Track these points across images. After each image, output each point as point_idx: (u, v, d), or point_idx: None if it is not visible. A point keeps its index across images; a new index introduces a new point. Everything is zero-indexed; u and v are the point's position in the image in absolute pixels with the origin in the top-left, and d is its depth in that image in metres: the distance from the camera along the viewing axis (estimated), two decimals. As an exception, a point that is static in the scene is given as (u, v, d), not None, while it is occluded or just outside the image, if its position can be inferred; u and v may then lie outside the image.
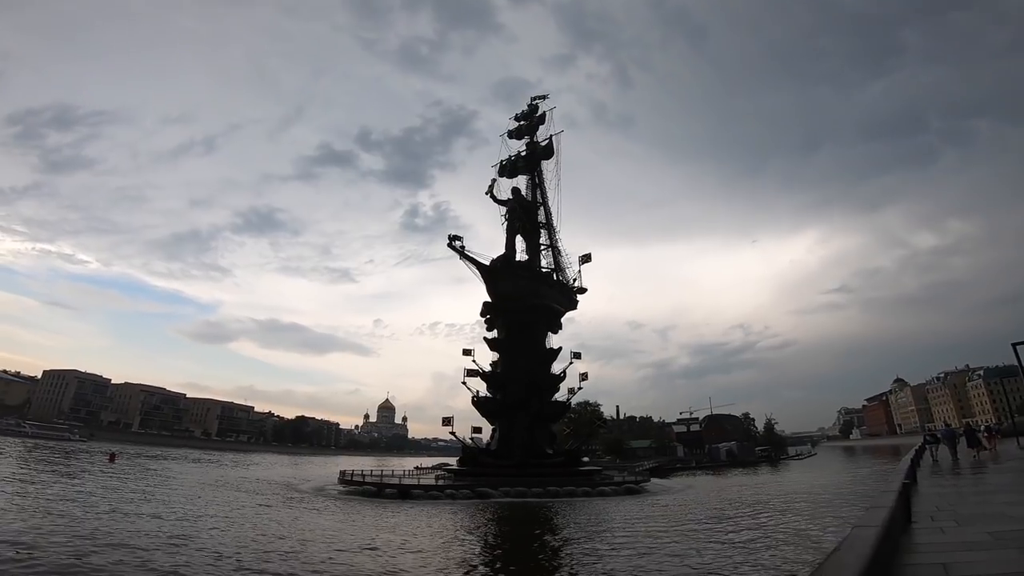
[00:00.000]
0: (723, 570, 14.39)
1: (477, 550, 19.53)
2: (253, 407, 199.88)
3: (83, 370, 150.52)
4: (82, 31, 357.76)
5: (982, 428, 27.61)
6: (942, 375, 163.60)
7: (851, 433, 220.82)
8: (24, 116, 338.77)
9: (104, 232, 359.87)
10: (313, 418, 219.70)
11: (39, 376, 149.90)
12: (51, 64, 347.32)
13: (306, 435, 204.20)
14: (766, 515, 25.39)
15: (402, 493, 36.85)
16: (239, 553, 16.06)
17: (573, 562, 16.49)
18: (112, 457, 55.30)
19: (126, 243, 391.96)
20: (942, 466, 18.72)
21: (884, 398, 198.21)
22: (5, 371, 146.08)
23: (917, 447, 21.51)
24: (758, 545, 17.76)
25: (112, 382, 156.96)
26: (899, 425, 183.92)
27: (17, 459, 49.05)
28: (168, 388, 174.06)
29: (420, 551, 17.96)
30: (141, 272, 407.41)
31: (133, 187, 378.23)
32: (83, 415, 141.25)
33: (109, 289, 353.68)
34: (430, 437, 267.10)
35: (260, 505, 29.05)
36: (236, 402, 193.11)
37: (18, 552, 14.13)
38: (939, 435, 23.86)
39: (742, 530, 21.26)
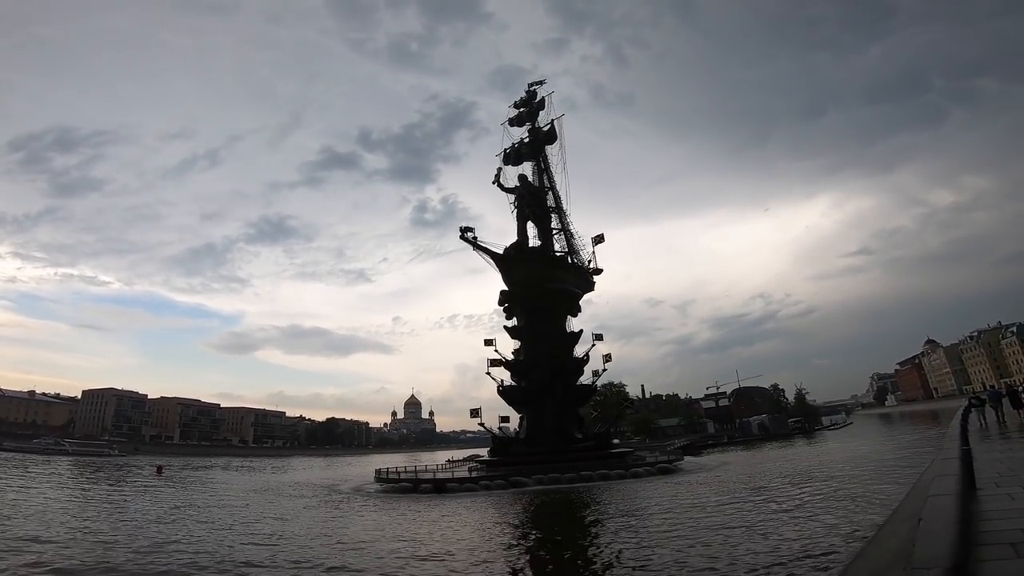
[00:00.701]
0: (775, 545, 14.18)
1: (522, 538, 19.63)
2: (284, 412, 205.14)
3: (120, 387, 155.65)
4: (70, 53, 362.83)
5: (1021, 388, 26.69)
6: (975, 334, 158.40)
7: (886, 399, 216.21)
8: (26, 141, 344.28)
9: (122, 252, 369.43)
10: (343, 419, 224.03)
11: (78, 396, 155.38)
12: (45, 88, 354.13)
13: (338, 436, 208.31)
14: (816, 486, 25.02)
15: (437, 487, 37.24)
16: (301, 553, 16.60)
17: (622, 545, 16.45)
18: (159, 470, 57.06)
19: (144, 261, 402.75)
20: (991, 430, 18.15)
21: (917, 361, 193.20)
22: (45, 393, 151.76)
23: (962, 410, 20.83)
24: (816, 514, 17.49)
25: (149, 397, 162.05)
26: (935, 389, 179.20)
27: (71, 477, 50.94)
28: (202, 399, 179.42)
29: (464, 543, 18.14)
30: (163, 289, 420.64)
31: (145, 205, 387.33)
32: (125, 431, 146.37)
33: (134, 308, 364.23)
34: (458, 430, 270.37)
35: (307, 508, 29.73)
36: (268, 409, 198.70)
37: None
38: (984, 397, 23.20)
39: (794, 503, 20.96)
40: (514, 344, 52.29)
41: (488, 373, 51.10)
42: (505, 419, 53.41)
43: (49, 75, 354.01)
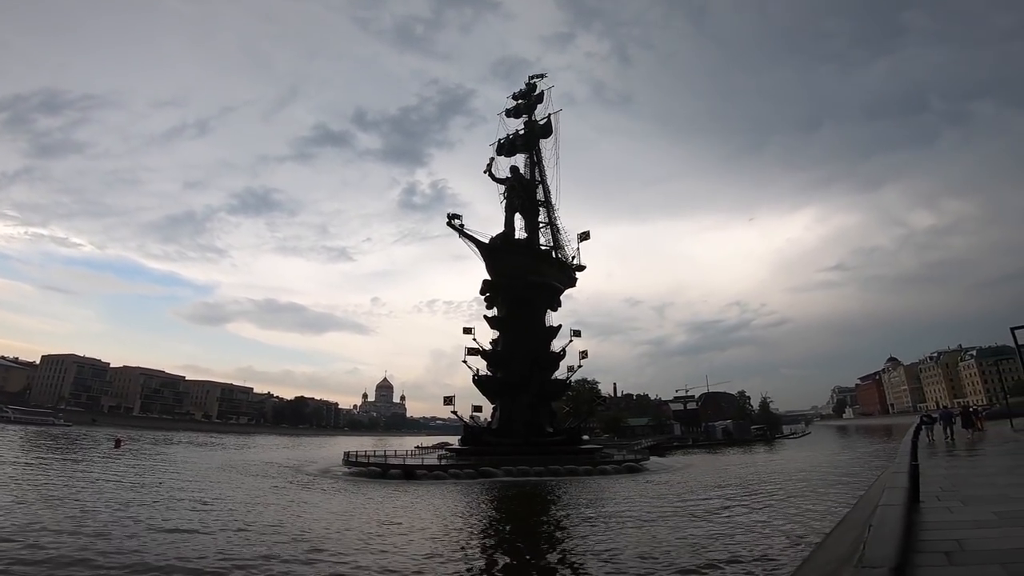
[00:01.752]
0: (733, 548, 14.85)
1: (487, 529, 20.04)
2: (252, 388, 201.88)
3: (81, 354, 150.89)
4: (68, 15, 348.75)
5: (971, 410, 28.62)
6: (935, 354, 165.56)
7: (844, 412, 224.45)
8: (13, 102, 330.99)
9: (98, 215, 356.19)
10: (312, 398, 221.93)
11: (38, 362, 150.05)
12: (38, 49, 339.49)
13: (306, 416, 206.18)
14: (769, 494, 26.08)
15: (407, 473, 37.45)
16: (262, 537, 16.52)
17: (583, 540, 16.95)
18: (118, 443, 55.73)
19: (120, 226, 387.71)
20: (937, 447, 19.26)
21: (877, 377, 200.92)
22: (3, 357, 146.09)
23: (914, 427, 22.08)
24: (765, 524, 18.28)
25: (111, 366, 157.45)
26: (891, 404, 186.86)
27: (22, 448, 49.48)
28: (167, 371, 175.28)
29: (430, 531, 18.43)
30: (137, 255, 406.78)
31: (126, 170, 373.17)
32: (84, 400, 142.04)
33: (105, 272, 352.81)
34: (428, 416, 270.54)
35: (274, 489, 29.52)
36: (235, 384, 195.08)
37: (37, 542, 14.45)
38: (935, 416, 24.66)
39: (749, 509, 21.84)
40: (492, 334, 52.71)
41: (464, 361, 51.49)
42: (478, 408, 53.92)
43: (44, 36, 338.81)
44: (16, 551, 13.25)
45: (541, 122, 58.95)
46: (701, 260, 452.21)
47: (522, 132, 59.24)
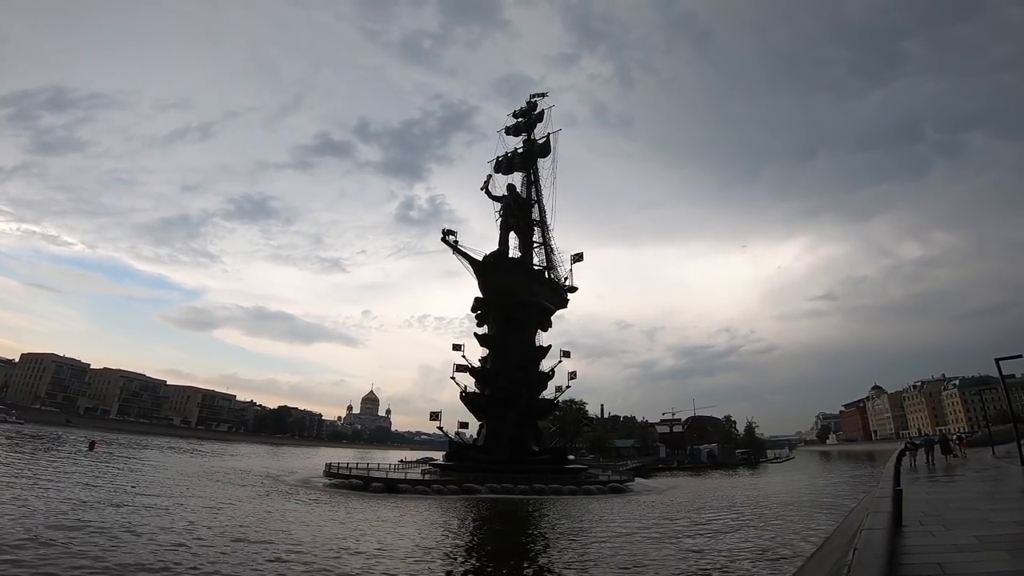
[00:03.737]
0: (713, 569, 14.74)
1: (466, 546, 19.71)
2: (235, 396, 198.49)
3: (62, 354, 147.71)
4: (81, 13, 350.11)
5: (954, 437, 29.31)
6: (919, 383, 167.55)
7: (828, 438, 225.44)
8: (19, 98, 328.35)
9: (91, 214, 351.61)
10: (296, 408, 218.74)
11: (17, 359, 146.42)
12: (48, 47, 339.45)
13: (288, 425, 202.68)
14: (752, 516, 26.01)
15: (389, 487, 36.84)
16: (232, 547, 16.07)
17: (564, 560, 16.74)
18: (92, 445, 54.27)
19: (113, 226, 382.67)
20: (919, 472, 19.48)
21: (861, 404, 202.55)
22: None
23: (898, 452, 22.33)
24: (747, 545, 18.20)
25: (91, 367, 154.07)
26: (875, 431, 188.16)
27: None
28: (149, 374, 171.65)
29: (410, 546, 18.09)
30: (128, 256, 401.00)
31: (125, 170, 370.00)
32: (60, 400, 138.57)
33: (94, 272, 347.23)
34: (413, 430, 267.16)
35: (248, 499, 28.73)
36: (218, 390, 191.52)
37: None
38: (918, 442, 25.16)
39: (731, 531, 21.74)
40: (482, 351, 52.40)
41: (453, 378, 51.01)
42: (464, 425, 53.35)
43: (55, 33, 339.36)
44: None
45: (540, 141, 59.41)
46: (692, 285, 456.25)
47: (521, 151, 59.69)
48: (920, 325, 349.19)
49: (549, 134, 59.30)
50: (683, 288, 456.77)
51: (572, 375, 53.10)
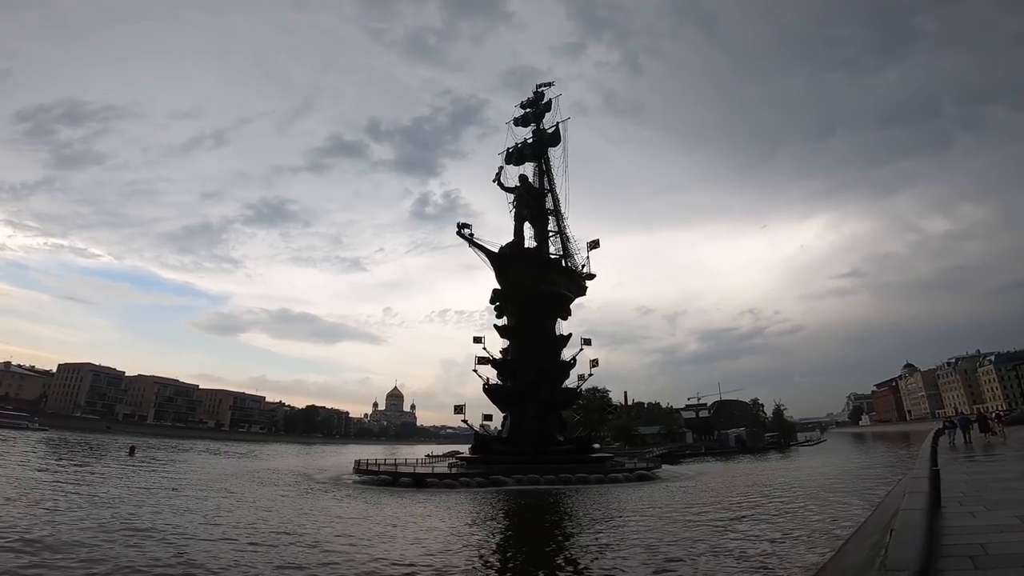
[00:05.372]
0: (748, 553, 14.61)
1: (500, 536, 19.91)
2: (264, 397, 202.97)
3: (97, 363, 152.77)
4: (90, 27, 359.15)
5: (992, 415, 28.74)
6: (953, 360, 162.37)
7: (860, 419, 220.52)
8: (35, 113, 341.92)
9: (116, 226, 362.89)
10: (323, 407, 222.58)
11: (54, 370, 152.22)
12: (60, 61, 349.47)
13: (317, 424, 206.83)
14: (785, 500, 25.65)
15: (417, 482, 37.34)
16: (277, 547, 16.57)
17: (599, 544, 16.78)
18: (132, 450, 56.25)
19: (138, 236, 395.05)
20: (958, 451, 18.99)
21: (894, 384, 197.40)
22: (20, 365, 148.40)
23: (935, 431, 21.79)
24: (780, 530, 17.98)
25: (126, 374, 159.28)
26: (909, 411, 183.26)
27: (45, 454, 50.07)
28: (181, 379, 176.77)
29: (444, 539, 18.35)
30: (153, 265, 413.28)
31: (144, 181, 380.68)
32: (99, 408, 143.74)
33: (122, 283, 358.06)
34: (438, 425, 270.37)
35: (286, 497, 29.44)
36: (248, 392, 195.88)
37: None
38: (956, 421, 24.64)
39: (764, 515, 21.49)
40: (503, 343, 52.51)
41: (475, 370, 51.30)
42: (488, 417, 53.66)
43: (66, 47, 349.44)
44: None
45: (549, 130, 58.91)
46: (713, 268, 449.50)
47: (530, 141, 59.29)
48: (951, 300, 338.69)
49: (558, 123, 58.79)
50: (703, 271, 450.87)
51: (594, 363, 52.96)
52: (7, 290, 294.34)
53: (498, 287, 52.81)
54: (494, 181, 57.05)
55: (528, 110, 60.76)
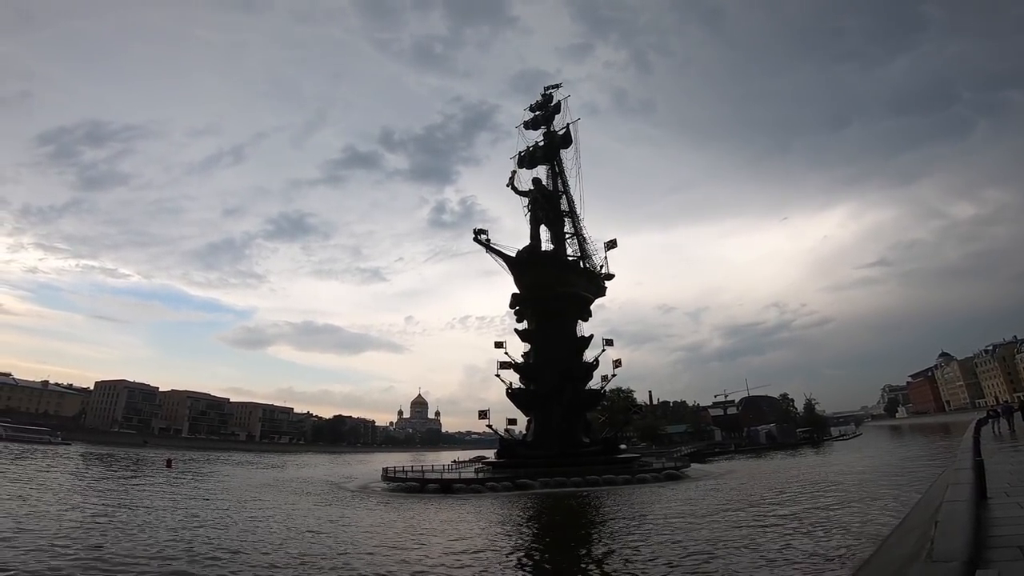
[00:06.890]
0: (787, 550, 14.30)
1: (530, 539, 19.88)
2: (292, 408, 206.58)
3: (132, 380, 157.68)
4: (104, 48, 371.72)
5: None
6: (990, 347, 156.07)
7: (896, 411, 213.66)
8: (58, 135, 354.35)
9: (143, 245, 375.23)
10: (350, 416, 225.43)
11: (91, 387, 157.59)
12: (77, 82, 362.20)
13: (344, 434, 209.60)
14: (822, 497, 24.99)
15: (444, 488, 37.55)
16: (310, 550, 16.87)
17: (631, 544, 16.63)
18: (169, 463, 57.85)
19: (165, 255, 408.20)
20: (1002, 441, 18.33)
21: (930, 374, 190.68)
22: (58, 384, 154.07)
23: (976, 421, 21.05)
24: (819, 525, 17.55)
25: (160, 390, 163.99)
26: (947, 402, 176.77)
27: (77, 469, 51.74)
28: (213, 394, 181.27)
29: (476, 543, 18.41)
30: (181, 283, 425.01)
31: (168, 199, 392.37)
32: (135, 423, 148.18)
33: (151, 301, 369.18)
34: (463, 430, 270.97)
35: (318, 506, 29.85)
36: (276, 404, 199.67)
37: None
38: (999, 410, 23.86)
39: (801, 511, 21.00)
40: (524, 347, 52.56)
41: (497, 375, 51.40)
42: (512, 421, 53.61)
43: (84, 69, 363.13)
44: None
45: (560, 132, 58.88)
46: (734, 263, 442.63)
47: (542, 143, 59.34)
48: (982, 286, 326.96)
49: (568, 124, 58.81)
50: (724, 266, 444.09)
51: (617, 363, 52.63)
52: (41, 312, 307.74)
53: (517, 291, 52.84)
54: (508, 186, 57.19)
55: (537, 113, 60.87)
